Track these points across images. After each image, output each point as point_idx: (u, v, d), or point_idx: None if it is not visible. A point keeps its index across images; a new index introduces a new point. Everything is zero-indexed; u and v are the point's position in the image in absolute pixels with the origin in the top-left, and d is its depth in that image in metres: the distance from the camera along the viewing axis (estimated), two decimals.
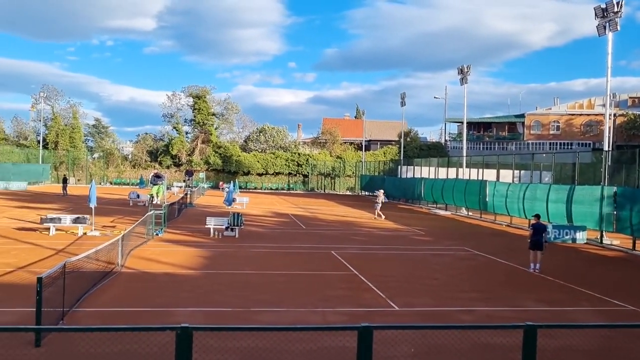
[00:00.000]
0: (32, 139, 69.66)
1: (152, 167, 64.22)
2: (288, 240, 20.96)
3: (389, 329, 6.48)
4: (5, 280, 12.33)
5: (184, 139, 70.14)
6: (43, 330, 7.57)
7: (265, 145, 71.56)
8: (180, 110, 72.55)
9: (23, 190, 47.13)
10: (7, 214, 26.82)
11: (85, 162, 68.63)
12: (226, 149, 68.24)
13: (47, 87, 71.45)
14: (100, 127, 77.77)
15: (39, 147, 64.17)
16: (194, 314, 10.13)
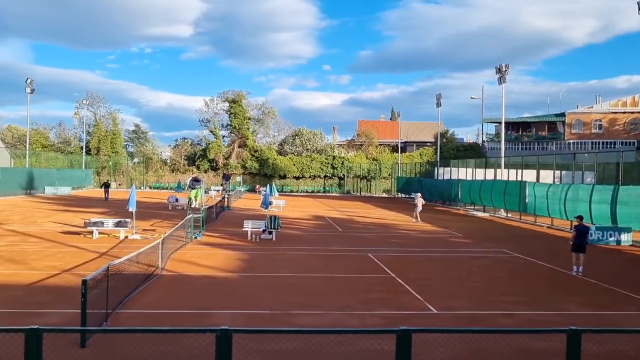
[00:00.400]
0: (76, 145, 71.72)
1: (190, 172, 65.27)
2: (325, 243, 20.99)
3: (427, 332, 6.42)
4: (51, 283, 12.72)
5: (221, 143, 71.06)
6: (88, 331, 7.78)
7: (301, 148, 71.88)
8: (217, 115, 73.59)
9: (68, 195, 48.57)
10: (53, 218, 27.68)
11: (126, 167, 70.26)
12: (262, 153, 68.83)
13: (89, 95, 73.55)
14: (140, 132, 79.60)
15: (82, 153, 66.03)
16: (233, 316, 10.25)
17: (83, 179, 61.55)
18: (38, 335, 5.29)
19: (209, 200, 39.50)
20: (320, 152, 71.05)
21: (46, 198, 44.29)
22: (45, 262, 15.27)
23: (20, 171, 49.30)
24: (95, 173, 66.66)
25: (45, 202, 38.99)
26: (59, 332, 6.02)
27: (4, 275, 13.32)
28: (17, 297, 11.31)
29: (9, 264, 14.79)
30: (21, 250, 17.25)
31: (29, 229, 22.65)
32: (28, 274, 13.59)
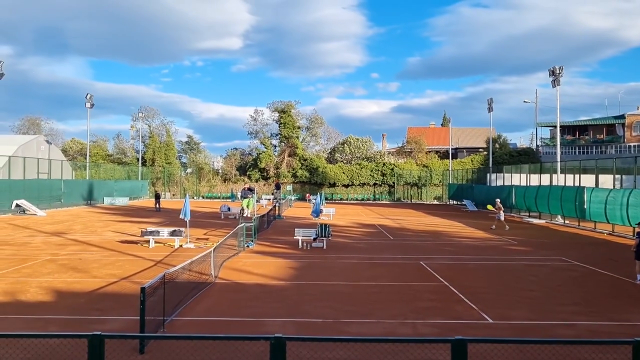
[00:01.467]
0: (132, 156, 74.13)
1: (241, 181, 66.31)
2: (376, 251, 20.87)
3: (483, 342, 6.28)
4: (111, 290, 13.16)
5: (271, 152, 71.94)
6: (147, 337, 8.00)
7: (350, 156, 71.90)
8: (265, 125, 74.60)
9: (125, 205, 50.23)
10: (111, 227, 28.67)
11: (179, 177, 72.06)
12: (312, 161, 69.23)
13: (144, 108, 76.08)
14: (192, 143, 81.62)
15: (138, 164, 68.20)
16: (285, 324, 10.32)
17: (139, 189, 63.50)
18: (100, 341, 5.49)
19: (260, 209, 39.99)
20: (369, 160, 70.84)
21: (105, 208, 45.95)
22: (105, 270, 15.82)
23: (81, 183, 51.38)
24: (150, 183, 68.66)
25: (104, 213, 40.45)
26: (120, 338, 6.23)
27: (67, 283, 13.88)
28: (80, 303, 11.76)
29: (72, 272, 15.41)
30: (83, 258, 17.93)
31: (89, 238, 23.54)
32: (90, 281, 14.11)
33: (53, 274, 15.13)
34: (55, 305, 11.63)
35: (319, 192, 43.53)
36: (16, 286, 13.34)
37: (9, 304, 11.67)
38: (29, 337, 6.52)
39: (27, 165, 42.81)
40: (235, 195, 58.34)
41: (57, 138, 78.58)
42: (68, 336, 6.21)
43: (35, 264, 16.79)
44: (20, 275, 14.77)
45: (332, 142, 79.83)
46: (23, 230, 27.14)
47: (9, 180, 38.50)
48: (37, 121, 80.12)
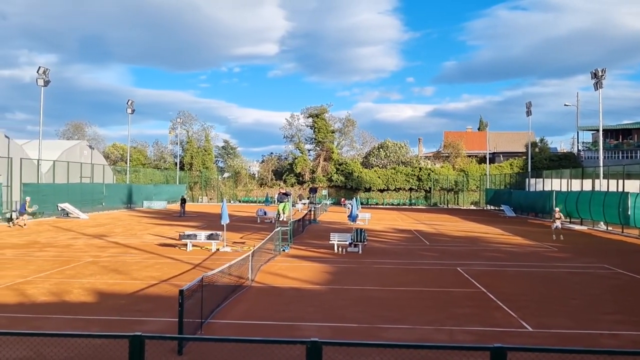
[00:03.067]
0: (170, 161, 75.53)
1: (277, 186, 66.82)
2: (412, 257, 20.71)
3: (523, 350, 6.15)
4: (150, 292, 13.43)
5: (306, 157, 72.25)
6: (185, 339, 8.13)
7: (385, 160, 71.58)
8: (300, 130, 74.97)
9: (163, 209, 51.19)
10: (150, 231, 29.26)
11: (216, 181, 73.04)
12: (347, 166, 69.20)
13: (182, 113, 77.47)
14: (229, 148, 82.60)
15: (176, 169, 69.42)
16: (321, 328, 10.33)
17: (177, 193, 64.59)
18: (141, 342, 5.62)
19: (296, 213, 40.18)
20: (405, 164, 70.39)
21: (144, 212, 46.93)
22: (145, 272, 16.15)
23: (122, 187, 52.62)
24: (188, 188, 69.79)
25: (143, 216, 41.32)
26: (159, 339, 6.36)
27: (109, 284, 14.23)
28: (121, 305, 12.04)
29: (113, 274, 15.79)
30: (123, 261, 18.36)
31: (129, 241, 24.08)
32: (130, 283, 14.43)
33: (95, 275, 15.53)
34: (98, 306, 11.93)
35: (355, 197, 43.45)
36: (60, 287, 13.74)
37: (53, 304, 12.03)
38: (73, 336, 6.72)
39: (71, 169, 44.10)
40: (271, 199, 58.79)
41: (99, 143, 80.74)
42: (110, 336, 6.38)
43: (78, 265, 17.27)
44: (64, 277, 15.22)
45: (367, 147, 79.66)
46: (66, 232, 27.96)
47: (54, 184, 39.72)
48: (81, 126, 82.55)
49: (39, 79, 39.69)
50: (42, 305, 11.92)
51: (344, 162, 70.45)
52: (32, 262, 17.83)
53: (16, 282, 14.34)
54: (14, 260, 18.07)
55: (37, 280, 14.56)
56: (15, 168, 35.92)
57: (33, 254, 19.68)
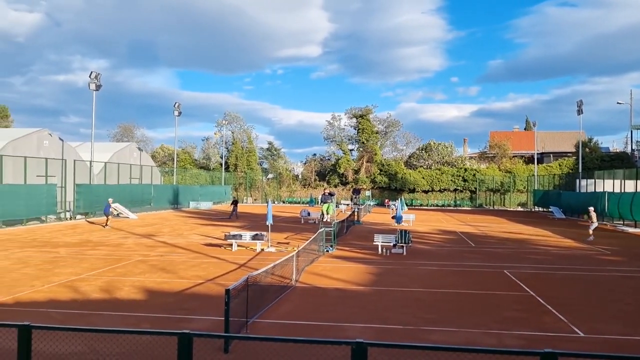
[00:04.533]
0: (216, 162, 76.80)
1: (320, 187, 67.00)
2: (457, 258, 20.41)
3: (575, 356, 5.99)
4: (197, 291, 13.69)
5: (349, 158, 72.18)
6: (232, 337, 8.25)
7: (430, 161, 70.79)
8: (342, 131, 74.96)
9: (209, 210, 52.09)
10: (196, 231, 29.83)
11: (261, 182, 73.82)
12: (391, 167, 68.78)
13: (228, 115, 78.59)
14: (273, 149, 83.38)
15: (222, 170, 70.55)
16: (365, 329, 10.31)
17: (222, 194, 65.64)
18: (189, 339, 5.74)
19: (340, 214, 40.18)
20: (450, 165, 69.42)
21: (190, 212, 47.88)
22: (192, 271, 16.48)
23: (169, 187, 53.83)
24: (233, 189, 70.81)
25: (189, 216, 42.17)
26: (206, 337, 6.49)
27: (157, 283, 14.59)
28: (169, 303, 12.32)
29: (161, 273, 16.18)
30: (171, 260, 18.78)
31: (176, 241, 24.62)
32: (177, 282, 14.76)
33: (144, 274, 15.95)
34: (147, 304, 12.25)
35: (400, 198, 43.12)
36: (111, 284, 14.18)
37: (105, 301, 12.43)
38: (125, 332, 6.92)
39: (121, 170, 45.43)
40: (315, 200, 59.01)
41: (147, 145, 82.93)
42: (160, 333, 6.54)
43: (128, 264, 17.77)
44: (114, 275, 15.69)
45: (411, 148, 79.01)
46: (117, 232, 28.81)
47: (105, 185, 41.00)
48: (131, 128, 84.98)
49: (91, 83, 41.03)
50: (94, 301, 12.33)
51: (387, 163, 70.04)
52: (85, 260, 18.46)
53: (70, 279, 14.87)
54: (67, 259, 18.75)
55: (89, 278, 15.06)
56: (69, 169, 37.25)
57: (85, 253, 20.36)
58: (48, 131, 38.50)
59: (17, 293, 12.96)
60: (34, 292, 13.11)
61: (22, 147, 34.60)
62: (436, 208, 63.42)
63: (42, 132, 37.70)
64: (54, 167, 35.52)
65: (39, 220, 33.15)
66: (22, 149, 34.25)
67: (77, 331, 6.86)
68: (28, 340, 5.97)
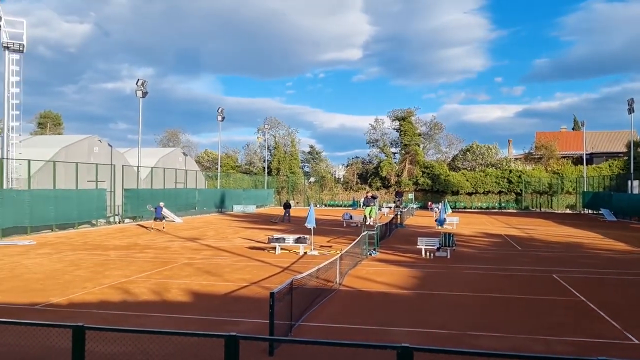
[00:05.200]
0: (259, 166, 77.67)
1: (362, 190, 66.80)
2: (503, 262, 20.01)
3: None
4: (242, 294, 13.87)
5: (392, 160, 71.77)
6: (278, 340, 8.34)
7: (473, 163, 69.66)
8: (385, 134, 74.62)
9: (252, 213, 52.69)
10: (240, 234, 30.22)
11: (303, 186, 74.18)
12: (434, 169, 68.01)
13: (270, 119, 79.39)
14: (315, 153, 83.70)
15: (264, 174, 71.28)
16: (410, 333, 10.23)
17: (265, 197, 66.29)
18: (236, 341, 5.83)
19: (382, 217, 39.98)
20: (494, 167, 68.12)
21: (234, 216, 48.53)
22: (236, 274, 16.71)
23: (213, 192, 54.76)
24: (275, 192, 71.41)
25: (233, 220, 42.75)
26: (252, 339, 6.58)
27: (203, 286, 14.86)
28: (215, 305, 12.54)
29: (206, 275, 16.47)
30: (216, 263, 19.09)
31: (221, 244, 25.00)
32: (222, 285, 14.99)
33: (190, 276, 16.27)
34: (193, 306, 12.49)
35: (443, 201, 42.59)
36: (159, 287, 14.52)
37: (153, 302, 12.74)
38: (173, 334, 7.09)
39: (167, 175, 46.47)
40: (357, 203, 58.89)
41: (192, 150, 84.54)
42: (207, 335, 6.67)
43: (175, 266, 18.16)
44: (162, 277, 16.06)
45: (454, 149, 77.96)
46: (163, 235, 29.47)
47: (151, 190, 42.03)
48: (176, 134, 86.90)
49: (138, 90, 42.17)
50: (143, 303, 12.66)
51: (430, 165, 69.30)
52: (133, 262, 18.97)
53: (120, 281, 15.31)
54: (117, 261, 19.30)
55: (138, 280, 15.47)
56: (118, 174, 38.39)
57: (134, 255, 20.92)
58: (98, 137, 39.77)
59: (71, 294, 13.43)
60: (86, 294, 13.55)
61: (74, 153, 35.84)
62: (480, 210, 62.33)
63: (92, 139, 38.96)
64: (103, 172, 36.65)
65: (90, 224, 34.25)
66: (73, 155, 35.48)
67: (128, 332, 7.07)
68: (82, 341, 6.18)
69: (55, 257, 20.17)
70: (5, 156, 29.00)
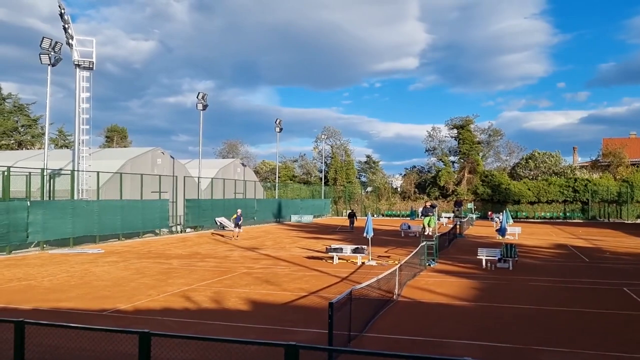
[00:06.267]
0: (316, 176, 78.16)
1: (420, 199, 66.01)
2: (568, 274, 19.24)
3: None
4: (300, 304, 13.95)
5: (450, 169, 70.61)
6: (337, 351, 8.32)
7: (536, 171, 67.53)
8: (443, 142, 73.53)
9: (310, 223, 53.00)
10: (298, 244, 30.45)
11: (360, 196, 74.01)
12: (494, 178, 66.38)
13: (326, 130, 79.87)
14: (371, 162, 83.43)
15: (321, 184, 71.61)
16: (471, 347, 9.99)
17: (322, 207, 66.55)
18: (296, 351, 5.87)
19: (441, 227, 39.31)
20: (558, 175, 65.78)
21: (292, 225, 48.96)
22: (295, 284, 16.83)
23: (271, 202, 55.48)
24: (332, 202, 71.56)
25: (291, 229, 43.13)
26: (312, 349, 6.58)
27: (262, 295, 15.04)
28: (273, 314, 12.66)
29: (265, 285, 16.68)
30: (274, 272, 19.30)
31: (279, 254, 25.26)
32: (281, 294, 15.13)
33: (249, 285, 16.52)
34: (252, 315, 12.66)
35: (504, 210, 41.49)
36: (219, 295, 14.81)
37: (214, 310, 13.01)
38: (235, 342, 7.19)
39: (226, 186, 47.48)
40: (415, 213, 58.17)
41: (250, 161, 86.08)
42: (268, 344, 6.74)
43: (235, 276, 18.48)
44: (222, 286, 16.38)
45: (514, 157, 75.89)
46: (223, 244, 30.08)
47: (212, 200, 43.03)
48: (236, 145, 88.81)
49: (199, 103, 43.42)
50: (204, 311, 12.95)
51: (490, 174, 67.68)
52: (194, 271, 19.44)
53: (182, 289, 15.72)
54: (179, 270, 19.85)
55: (199, 288, 15.84)
56: (179, 185, 39.56)
57: (195, 264, 21.44)
58: (161, 150, 41.15)
59: (136, 301, 13.91)
60: (151, 301, 14.00)
61: (139, 165, 37.23)
62: (544, 220, 60.25)
63: (155, 151, 40.36)
64: (166, 183, 37.85)
65: (153, 233, 35.39)
66: (138, 166, 36.86)
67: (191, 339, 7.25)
68: (148, 347, 6.39)
69: (122, 265, 20.95)
70: (76, 168, 30.45)
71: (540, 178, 66.06)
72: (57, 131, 67.71)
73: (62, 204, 27.70)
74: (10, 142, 62.36)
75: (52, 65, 29.07)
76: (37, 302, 13.73)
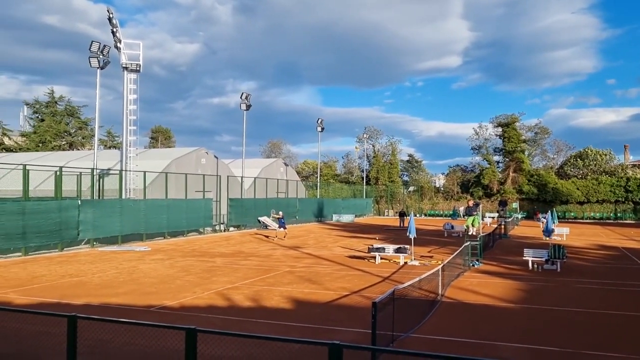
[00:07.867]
0: (357, 175, 78.00)
1: (464, 199, 65.02)
2: (620, 277, 18.60)
3: None
4: (343, 303, 13.95)
5: (494, 168, 69.27)
6: (381, 351, 8.29)
7: (585, 170, 65.52)
8: (488, 140, 72.19)
9: (351, 222, 52.93)
10: (340, 243, 30.45)
11: (402, 195, 73.44)
12: (540, 177, 64.76)
13: (369, 129, 79.64)
14: (414, 161, 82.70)
15: (363, 183, 71.40)
16: (518, 350, 9.78)
17: (364, 207, 66.34)
18: (339, 350, 5.87)
19: (485, 227, 38.60)
20: (609, 174, 63.64)
21: (334, 225, 49.00)
22: (337, 283, 16.84)
23: (313, 201, 55.67)
24: (374, 202, 71.25)
25: (333, 229, 43.18)
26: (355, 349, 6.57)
27: (304, 293, 15.12)
28: (316, 313, 12.70)
29: (307, 284, 16.75)
30: (316, 271, 19.37)
31: (321, 253, 25.33)
32: (323, 293, 15.17)
33: (292, 284, 16.62)
34: (295, 313, 12.74)
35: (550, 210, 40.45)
36: (262, 294, 14.97)
37: (257, 309, 13.15)
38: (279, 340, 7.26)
39: (269, 185, 47.91)
40: (457, 213, 57.35)
41: (292, 160, 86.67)
42: (311, 343, 6.76)
43: (277, 274, 18.64)
44: (265, 284, 16.55)
45: (562, 156, 73.85)
46: (266, 243, 30.37)
47: (254, 199, 43.51)
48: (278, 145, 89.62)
49: (242, 104, 43.95)
50: (248, 309, 13.10)
51: (536, 172, 66.04)
52: (238, 270, 19.70)
53: (226, 287, 15.96)
54: (223, 268, 20.15)
55: (243, 287, 16.04)
56: (223, 185, 40.14)
57: (239, 263, 21.73)
58: (205, 150, 41.84)
59: (182, 299, 14.20)
60: (195, 298, 14.26)
61: (183, 165, 37.97)
62: (593, 221, 58.41)
63: (199, 151, 41.07)
64: (209, 182, 38.46)
65: (198, 232, 36.04)
66: (183, 166, 37.59)
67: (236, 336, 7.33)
68: (194, 343, 6.51)
69: (168, 263, 21.42)
70: (124, 168, 31.31)
71: (589, 177, 64.07)
72: (106, 132, 69.81)
73: (111, 203, 28.53)
74: (62, 144, 64.62)
75: (100, 68, 29.94)
76: (88, 297, 14.19)
